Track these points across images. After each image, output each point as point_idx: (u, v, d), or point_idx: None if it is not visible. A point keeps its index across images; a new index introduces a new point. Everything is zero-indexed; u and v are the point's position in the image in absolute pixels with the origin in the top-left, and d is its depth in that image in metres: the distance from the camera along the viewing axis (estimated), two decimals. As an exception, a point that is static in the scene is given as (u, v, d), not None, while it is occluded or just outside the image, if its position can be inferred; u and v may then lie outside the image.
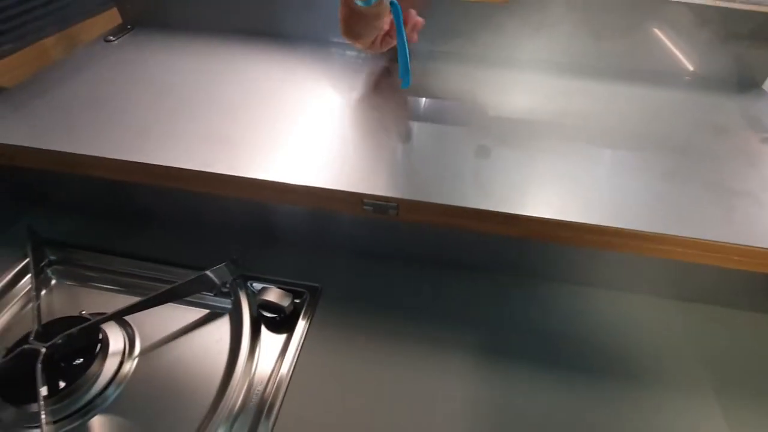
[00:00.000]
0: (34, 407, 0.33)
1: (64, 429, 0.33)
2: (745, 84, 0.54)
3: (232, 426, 0.33)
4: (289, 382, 0.36)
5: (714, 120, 0.48)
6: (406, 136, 0.44)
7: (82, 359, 0.36)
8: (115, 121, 0.44)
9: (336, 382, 0.36)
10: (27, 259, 0.44)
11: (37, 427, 0.32)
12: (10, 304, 0.42)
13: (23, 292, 0.43)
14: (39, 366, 0.33)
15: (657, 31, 0.52)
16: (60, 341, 0.35)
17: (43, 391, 0.32)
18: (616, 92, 0.52)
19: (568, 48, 0.55)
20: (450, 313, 0.41)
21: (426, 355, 0.38)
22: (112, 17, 0.64)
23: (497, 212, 0.35)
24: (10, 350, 0.36)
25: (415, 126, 0.46)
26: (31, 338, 0.35)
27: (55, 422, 0.33)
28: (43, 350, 0.34)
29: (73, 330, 0.36)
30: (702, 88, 0.53)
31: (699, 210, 0.36)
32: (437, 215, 0.37)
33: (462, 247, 0.44)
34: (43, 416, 0.31)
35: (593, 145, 0.43)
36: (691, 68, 0.54)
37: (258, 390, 0.36)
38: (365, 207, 0.37)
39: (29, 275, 0.44)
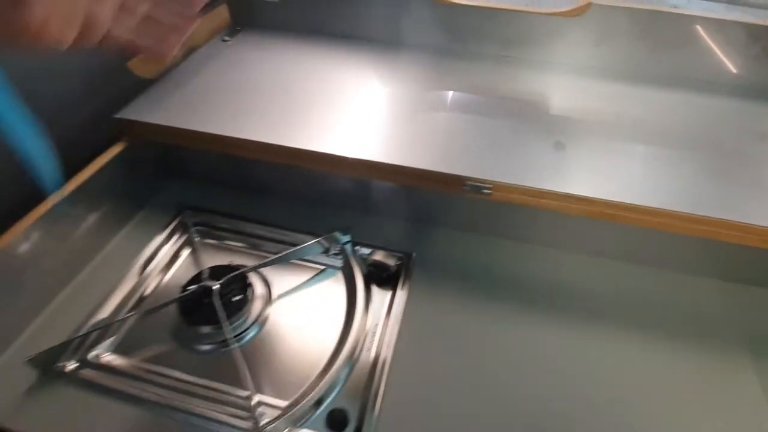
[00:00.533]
0: (205, 329, 0.44)
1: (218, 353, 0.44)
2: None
3: (352, 368, 0.43)
4: (399, 331, 0.45)
5: (759, 127, 0.55)
6: (489, 129, 0.53)
7: (240, 296, 0.46)
8: (246, 108, 0.54)
9: (437, 334, 0.45)
10: (177, 220, 0.55)
11: (211, 343, 0.43)
12: (164, 254, 0.53)
13: (173, 247, 0.54)
14: (217, 298, 0.44)
15: (710, 44, 0.59)
16: (225, 281, 0.46)
17: (223, 317, 0.43)
18: (669, 98, 0.59)
19: (627, 57, 0.62)
20: (533, 282, 0.50)
21: (517, 316, 0.47)
22: (217, 17, 0.74)
23: (575, 195, 0.44)
24: (184, 288, 0.46)
25: (496, 122, 0.54)
26: (205, 277, 0.46)
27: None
28: (217, 287, 0.45)
29: (236, 273, 0.46)
30: (748, 98, 0.60)
31: (739, 200, 0.44)
32: (523, 195, 0.45)
33: (538, 224, 0.52)
34: (229, 335, 0.41)
35: (649, 144, 0.51)
36: (739, 79, 0.61)
37: (372, 335, 0.46)
38: (464, 187, 0.46)
39: (177, 234, 0.54)
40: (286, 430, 0.38)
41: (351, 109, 0.55)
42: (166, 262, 0.52)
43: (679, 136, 0.53)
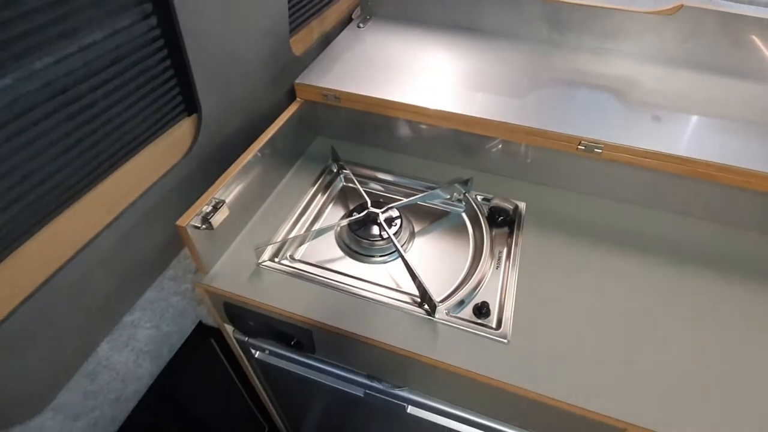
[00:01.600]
0: (366, 244, 0.57)
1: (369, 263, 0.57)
2: None
3: (476, 288, 0.54)
4: (520, 258, 0.57)
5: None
6: (594, 103, 0.64)
7: (398, 223, 0.59)
8: (388, 78, 0.67)
9: (551, 263, 0.57)
10: (327, 167, 0.69)
11: (371, 255, 0.56)
12: (321, 191, 0.66)
13: (327, 187, 0.67)
14: (382, 221, 0.57)
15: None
16: (385, 209, 0.59)
17: (386, 233, 0.56)
18: (748, 87, 0.68)
19: (712, 52, 0.71)
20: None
21: (613, 260, 0.58)
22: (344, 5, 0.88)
23: (674, 155, 0.54)
24: (350, 214, 0.59)
25: (600, 96, 0.65)
26: (369, 207, 0.59)
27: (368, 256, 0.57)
28: (381, 213, 0.58)
29: (393, 205, 0.59)
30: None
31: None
32: (629, 154, 0.56)
33: (635, 185, 0.62)
34: (397, 245, 0.54)
35: (732, 121, 0.61)
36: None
37: (498, 259, 0.58)
38: (579, 146, 0.58)
39: (328, 177, 0.68)
40: (446, 311, 0.50)
41: (472, 84, 0.67)
42: (324, 197, 0.66)
43: (757, 114, 0.62)
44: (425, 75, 0.68)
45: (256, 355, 0.64)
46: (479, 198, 0.65)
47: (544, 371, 0.46)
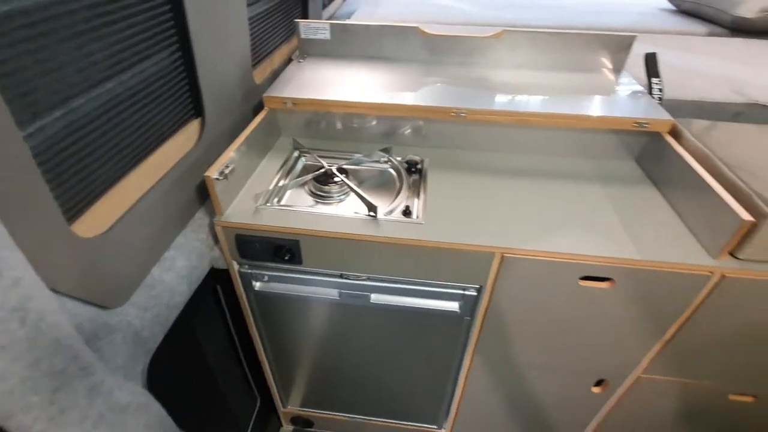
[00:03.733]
0: (327, 189, 0.85)
1: (331, 203, 0.86)
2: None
3: (402, 203, 0.86)
4: (427, 190, 0.89)
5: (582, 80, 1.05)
6: (460, 90, 1.00)
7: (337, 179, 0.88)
8: (328, 89, 0.99)
9: (449, 187, 0.89)
10: (294, 152, 0.98)
11: (331, 197, 0.85)
12: (286, 163, 0.95)
13: (294, 162, 0.96)
14: (338, 174, 0.86)
15: (580, 49, 1.11)
16: (338, 169, 0.88)
17: (339, 178, 0.85)
18: (557, 75, 1.09)
19: (529, 56, 1.13)
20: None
21: (494, 180, 0.92)
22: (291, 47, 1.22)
23: (512, 111, 0.91)
24: (314, 174, 0.88)
25: (463, 87, 1.02)
26: (326, 167, 0.88)
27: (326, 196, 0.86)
28: (335, 169, 0.87)
29: (342, 164, 0.89)
30: (591, 71, 1.11)
31: (594, 104, 0.92)
32: (485, 115, 0.92)
33: (494, 138, 0.98)
34: (346, 181, 0.84)
35: (547, 91, 1.00)
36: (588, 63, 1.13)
37: (414, 194, 0.89)
38: (452, 114, 0.92)
39: (296, 154, 0.97)
40: (384, 215, 0.80)
41: (384, 87, 1.01)
42: (292, 171, 0.94)
43: (559, 87, 1.02)
44: (352, 85, 1.01)
45: (257, 287, 0.88)
46: (398, 159, 0.97)
47: (444, 233, 0.76)
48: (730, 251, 0.71)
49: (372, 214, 0.79)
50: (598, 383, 0.99)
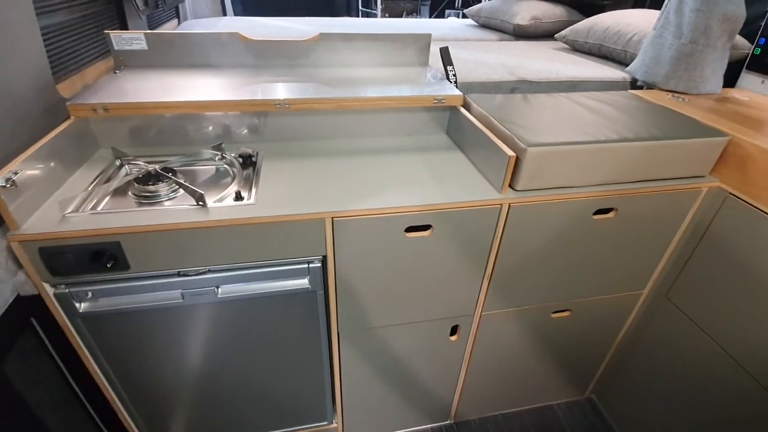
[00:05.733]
0: (152, 189, 0.82)
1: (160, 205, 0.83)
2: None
3: (233, 191, 0.87)
4: (260, 179, 0.91)
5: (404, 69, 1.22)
6: (281, 85, 1.06)
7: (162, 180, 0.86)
8: (145, 95, 0.96)
9: (282, 171, 0.93)
10: (117, 161, 0.92)
11: (158, 196, 0.82)
12: (104, 172, 0.88)
13: (110, 169, 0.90)
14: (163, 173, 0.83)
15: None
16: (163, 168, 0.85)
17: (165, 176, 0.82)
18: (366, 71, 1.23)
19: (342, 54, 1.25)
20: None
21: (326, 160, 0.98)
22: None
23: (327, 98, 0.99)
24: (136, 176, 0.84)
25: (292, 83, 1.08)
26: (149, 169, 0.85)
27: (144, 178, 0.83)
28: (159, 168, 0.84)
29: (166, 163, 0.86)
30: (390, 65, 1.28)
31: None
32: (303, 104, 0.98)
33: (322, 127, 1.05)
34: (174, 178, 0.82)
35: (352, 76, 1.11)
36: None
37: (248, 184, 0.90)
38: (276, 105, 0.97)
39: (117, 163, 0.91)
40: (214, 202, 0.80)
41: (208, 87, 1.02)
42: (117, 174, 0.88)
43: (376, 78, 1.14)
44: (172, 89, 1.00)
45: (82, 309, 0.79)
46: (232, 155, 0.98)
47: (275, 208, 0.79)
48: (510, 185, 0.88)
49: (201, 203, 0.79)
50: (453, 332, 1.10)
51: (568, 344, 1.25)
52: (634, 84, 1.32)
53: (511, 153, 0.82)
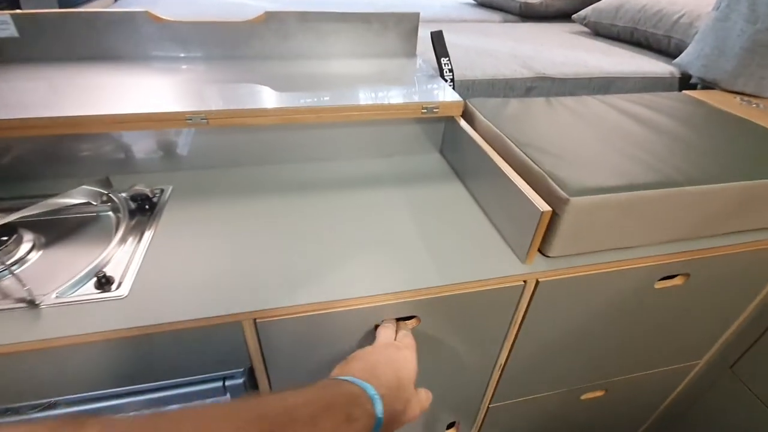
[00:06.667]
0: None
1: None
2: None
3: (99, 267, 0.55)
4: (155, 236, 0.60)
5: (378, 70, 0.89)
6: (221, 89, 0.73)
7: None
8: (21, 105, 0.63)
9: (193, 228, 0.61)
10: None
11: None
12: None
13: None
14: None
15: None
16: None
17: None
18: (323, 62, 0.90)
19: (295, 39, 0.92)
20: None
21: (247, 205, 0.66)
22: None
23: (269, 108, 0.66)
24: None
25: (226, 84, 0.75)
26: None
27: None
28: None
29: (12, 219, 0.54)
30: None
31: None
32: (243, 117, 0.66)
33: (267, 147, 0.73)
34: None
35: (321, 83, 0.79)
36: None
37: (136, 241, 0.59)
38: (187, 120, 0.65)
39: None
40: (56, 296, 0.48)
41: (96, 95, 0.69)
42: None
43: (344, 75, 0.82)
44: (45, 99, 0.67)
45: None
46: (123, 194, 0.66)
47: (158, 309, 0.48)
48: (540, 249, 0.57)
49: (27, 300, 0.47)
50: (450, 427, 0.81)
51: (595, 428, 0.97)
52: (685, 81, 1.01)
53: (545, 208, 0.51)
